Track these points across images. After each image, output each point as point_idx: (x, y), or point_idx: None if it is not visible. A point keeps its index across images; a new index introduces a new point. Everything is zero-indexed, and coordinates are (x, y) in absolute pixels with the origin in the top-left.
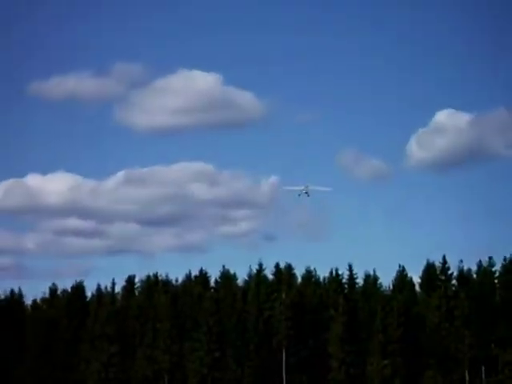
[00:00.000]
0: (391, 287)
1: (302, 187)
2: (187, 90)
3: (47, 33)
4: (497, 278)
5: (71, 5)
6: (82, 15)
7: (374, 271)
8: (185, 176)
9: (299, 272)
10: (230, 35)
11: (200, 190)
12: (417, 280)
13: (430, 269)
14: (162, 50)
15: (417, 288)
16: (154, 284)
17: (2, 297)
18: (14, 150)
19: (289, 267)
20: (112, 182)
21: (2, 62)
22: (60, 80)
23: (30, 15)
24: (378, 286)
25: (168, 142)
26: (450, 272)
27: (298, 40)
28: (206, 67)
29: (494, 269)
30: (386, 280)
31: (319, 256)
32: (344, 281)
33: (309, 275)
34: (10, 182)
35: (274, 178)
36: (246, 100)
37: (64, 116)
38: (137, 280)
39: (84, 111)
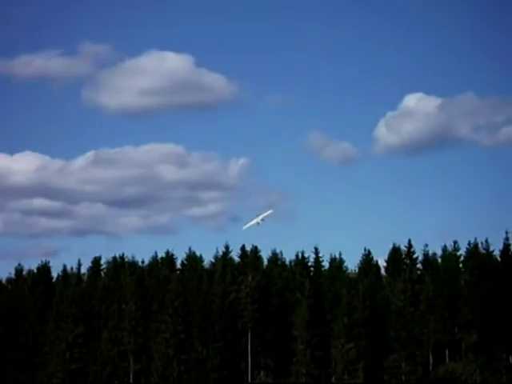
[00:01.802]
0: (357, 271)
1: (257, 219)
2: (158, 70)
3: (14, 10)
4: (461, 262)
5: None
6: None
7: (340, 254)
8: (154, 157)
9: (265, 255)
10: (202, 17)
11: (169, 172)
12: (382, 264)
13: (395, 253)
14: (132, 31)
15: (382, 272)
16: (121, 265)
17: None
18: None
19: (255, 250)
20: (80, 162)
21: None
22: (28, 59)
23: None
24: (344, 269)
25: (137, 123)
26: (415, 256)
27: (269, 22)
28: (178, 48)
29: (458, 253)
30: (352, 263)
31: (285, 239)
32: (310, 264)
33: (275, 258)
34: None
35: (243, 161)
36: (216, 82)
37: (32, 95)
38: (103, 261)
39: (52, 91)
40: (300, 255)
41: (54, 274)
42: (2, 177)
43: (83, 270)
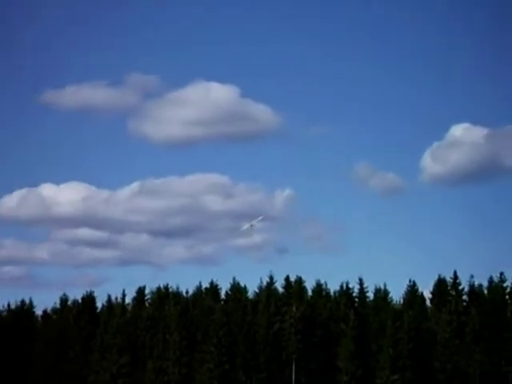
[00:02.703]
0: (402, 302)
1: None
2: (204, 101)
3: (62, 41)
4: (508, 293)
5: (88, 14)
6: (99, 25)
7: (385, 285)
8: (199, 188)
9: (310, 285)
10: (247, 47)
11: (214, 202)
12: (427, 295)
13: (440, 284)
14: (178, 62)
15: (427, 303)
16: (165, 295)
17: (13, 307)
18: (27, 159)
19: (299, 280)
20: (126, 192)
21: (17, 70)
22: (75, 89)
23: (46, 23)
24: (389, 300)
25: (183, 154)
26: (460, 287)
27: (314, 53)
28: (224, 79)
29: (505, 284)
30: (397, 294)
31: (330, 269)
32: (354, 294)
33: (319, 288)
34: (24, 191)
35: (288, 191)
36: (262, 112)
37: (78, 126)
38: (147, 291)
39: (98, 121)
40: (345, 286)
41: (99, 304)
42: (49, 206)
43: (128, 300)
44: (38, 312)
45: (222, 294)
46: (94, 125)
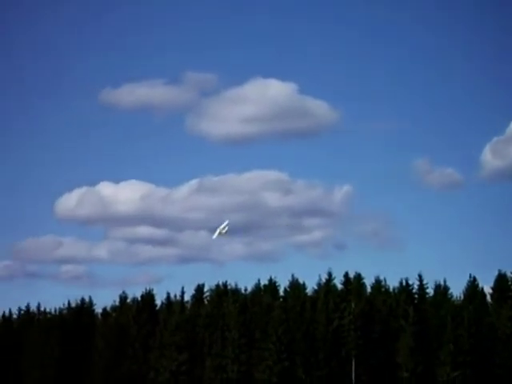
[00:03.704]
0: (462, 297)
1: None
2: (262, 98)
3: (120, 40)
4: None
5: (146, 12)
6: (157, 23)
7: (445, 281)
8: (258, 184)
9: (369, 281)
10: (304, 44)
11: (273, 199)
12: (488, 290)
13: (501, 279)
14: (236, 59)
15: (488, 299)
16: (224, 293)
17: (73, 305)
18: (86, 158)
19: (358, 277)
20: (184, 190)
21: (75, 70)
22: (132, 88)
23: (104, 23)
24: (449, 296)
25: (241, 151)
26: None
27: (372, 51)
28: (282, 76)
29: None
30: (457, 290)
31: (389, 265)
32: (414, 291)
33: (378, 285)
34: (83, 190)
35: (347, 187)
36: (320, 109)
37: (136, 124)
38: (206, 289)
39: (156, 120)
40: (404, 282)
41: (158, 302)
42: (108, 205)
43: (187, 297)
44: (98, 310)
45: (281, 291)
46: (151, 123)
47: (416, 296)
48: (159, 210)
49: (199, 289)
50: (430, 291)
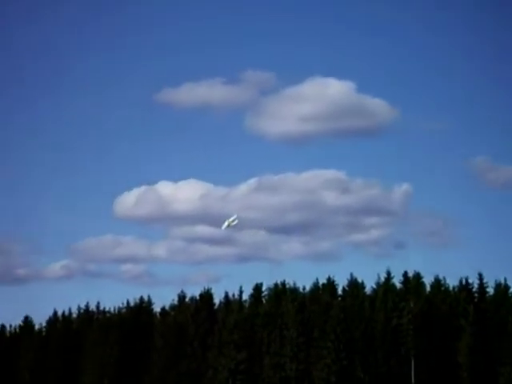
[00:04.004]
0: None
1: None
2: (320, 97)
3: (179, 40)
4: None
5: (203, 13)
6: (215, 22)
7: (505, 280)
8: (316, 183)
9: (428, 280)
10: (363, 43)
11: (331, 198)
12: None
13: None
14: (295, 58)
15: None
16: (282, 292)
17: (132, 304)
18: (145, 158)
19: (417, 275)
20: (243, 189)
21: (134, 69)
22: (191, 87)
23: (162, 23)
24: (510, 295)
25: (300, 150)
26: None
27: (430, 48)
28: (340, 75)
29: None
30: None
31: (448, 264)
32: (474, 290)
33: (438, 284)
34: (142, 189)
35: (405, 186)
36: (378, 107)
37: (195, 123)
38: (264, 288)
39: (215, 118)
40: (464, 281)
41: (217, 301)
42: (167, 204)
43: (245, 296)
44: (157, 309)
45: (339, 290)
46: (210, 122)
47: (476, 295)
48: (218, 209)
49: (257, 288)
50: (491, 290)
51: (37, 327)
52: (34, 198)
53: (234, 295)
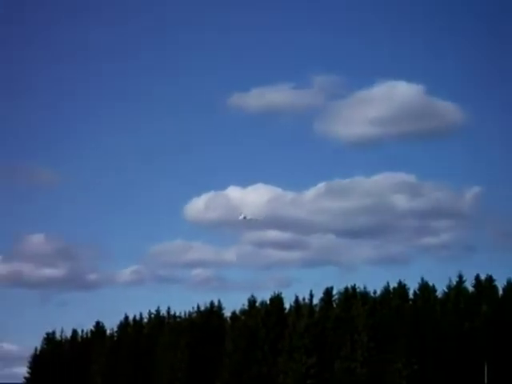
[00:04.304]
0: None
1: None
2: (389, 100)
3: (249, 45)
4: None
5: (271, 17)
6: (283, 28)
7: None
8: (386, 187)
9: (501, 284)
10: (433, 45)
11: (401, 201)
12: None
13: None
14: (363, 61)
15: None
16: (352, 296)
17: (203, 308)
18: (214, 163)
19: (490, 279)
20: (312, 193)
21: (204, 75)
22: (260, 92)
23: (230, 28)
24: None
25: (369, 153)
26: None
27: (501, 49)
28: (409, 78)
29: None
30: None
31: None
32: None
33: (511, 287)
34: (211, 194)
35: (476, 189)
36: (448, 110)
37: (264, 128)
38: (335, 292)
39: (283, 123)
40: None
41: (287, 305)
42: (236, 209)
43: (315, 300)
44: (227, 313)
45: (410, 294)
46: (279, 127)
47: None
48: (287, 213)
49: (328, 292)
50: None
51: (108, 332)
52: (105, 204)
53: (304, 299)
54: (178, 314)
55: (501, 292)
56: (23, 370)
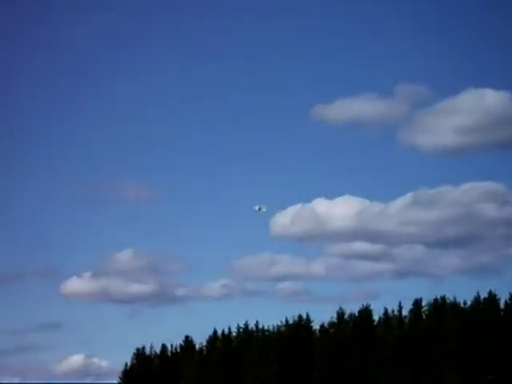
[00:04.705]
0: None
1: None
2: (476, 108)
3: (331, 56)
4: None
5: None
6: (365, 38)
7: None
8: (473, 196)
9: None
10: None
11: (490, 210)
12: None
13: None
14: (448, 70)
15: None
16: (442, 307)
17: (291, 321)
18: (301, 175)
19: None
20: (399, 204)
21: (287, 87)
22: (344, 103)
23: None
24: None
25: (455, 163)
26: None
27: None
28: (496, 85)
29: None
30: None
31: None
32: None
33: None
34: (298, 206)
35: None
36: None
37: (349, 139)
38: (424, 303)
39: (368, 133)
40: None
41: (376, 317)
42: (323, 221)
43: (404, 312)
44: (316, 326)
45: (501, 304)
46: (363, 137)
47: None
48: (374, 224)
49: (417, 303)
50: None
51: (197, 346)
52: (192, 218)
53: (393, 311)
54: (266, 327)
55: None
56: None
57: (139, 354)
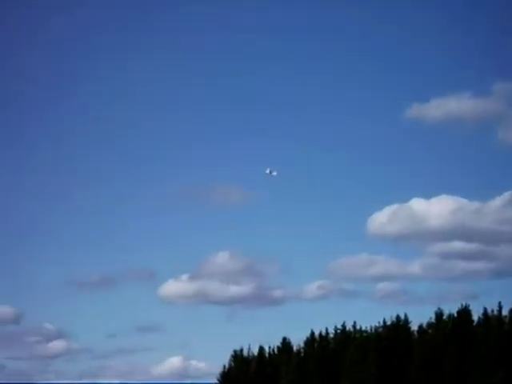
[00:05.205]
0: None
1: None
2: None
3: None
4: None
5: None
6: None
7: None
8: None
9: None
10: None
11: None
12: None
13: None
14: None
15: None
16: None
17: (389, 323)
18: (397, 175)
19: None
20: (497, 202)
21: (382, 86)
22: (440, 102)
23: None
24: None
25: None
26: None
27: None
28: None
29: None
30: None
31: None
32: None
33: None
34: (394, 206)
35: None
36: None
37: (445, 138)
38: None
39: (465, 132)
40: None
41: (475, 318)
42: (420, 221)
43: (504, 312)
44: (414, 327)
45: None
46: (460, 136)
47: None
48: (472, 223)
49: None
50: None
51: (295, 348)
52: (288, 219)
53: (492, 311)
54: (363, 328)
55: None
56: None
57: (237, 356)
